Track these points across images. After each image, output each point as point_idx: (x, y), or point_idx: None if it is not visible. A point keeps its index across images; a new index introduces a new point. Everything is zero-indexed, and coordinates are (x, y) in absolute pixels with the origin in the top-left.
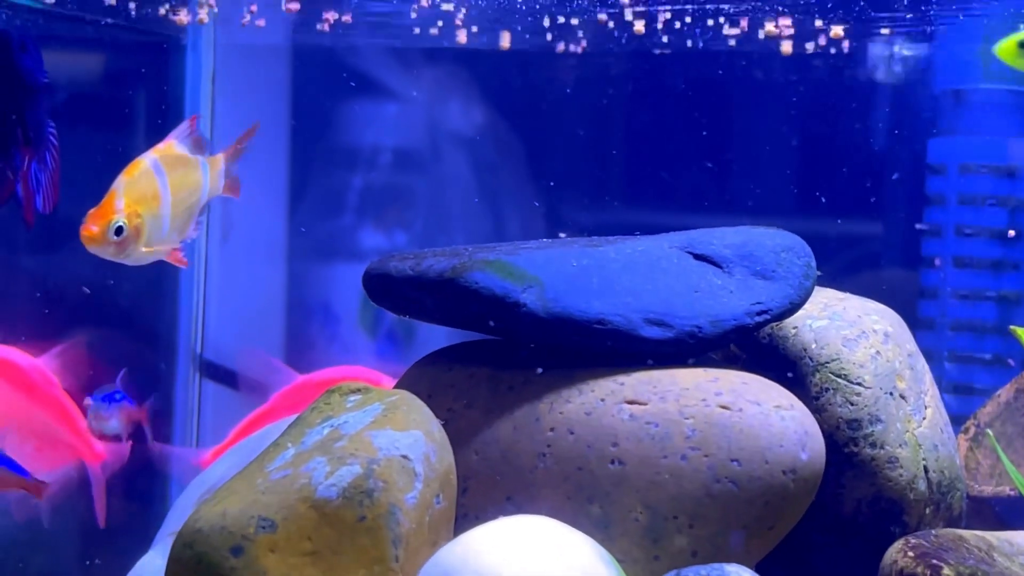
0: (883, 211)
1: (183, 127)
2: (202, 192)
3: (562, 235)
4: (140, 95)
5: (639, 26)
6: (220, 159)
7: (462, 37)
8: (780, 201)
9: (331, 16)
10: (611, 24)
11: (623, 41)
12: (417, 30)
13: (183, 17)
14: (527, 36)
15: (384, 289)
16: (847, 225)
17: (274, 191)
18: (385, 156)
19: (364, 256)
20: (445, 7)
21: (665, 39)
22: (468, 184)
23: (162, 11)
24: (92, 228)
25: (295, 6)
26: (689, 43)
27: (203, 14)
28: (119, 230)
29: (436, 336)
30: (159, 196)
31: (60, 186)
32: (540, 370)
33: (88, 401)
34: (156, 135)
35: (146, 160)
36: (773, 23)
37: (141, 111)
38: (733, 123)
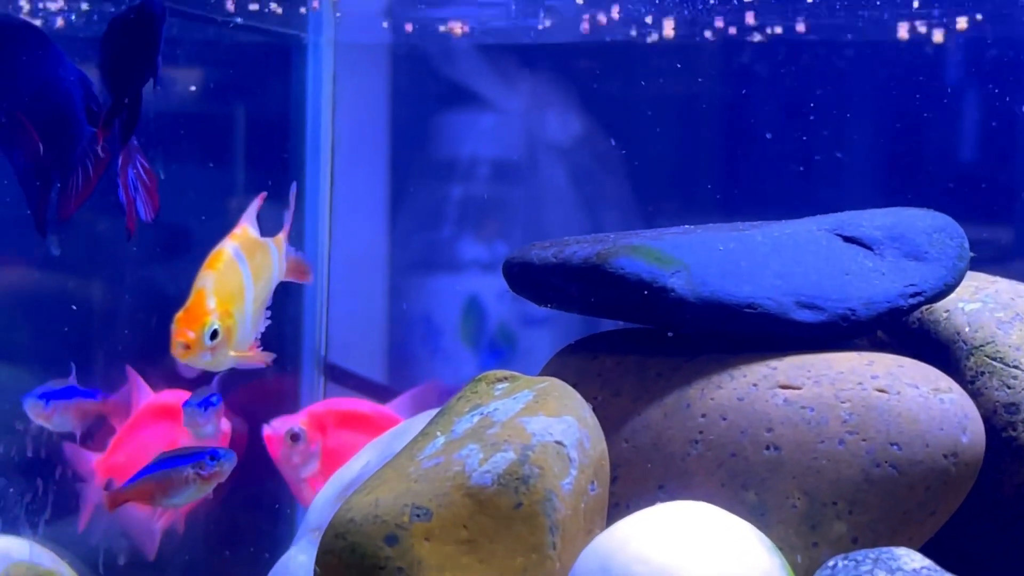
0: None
1: (253, 206)
2: (274, 279)
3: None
4: (266, 98)
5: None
6: (282, 240)
7: (570, 34)
8: (911, 189)
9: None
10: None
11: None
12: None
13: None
14: (646, 33)
15: (526, 278)
16: (985, 211)
17: (375, 200)
18: (489, 166)
19: (465, 268)
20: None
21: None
22: (569, 192)
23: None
24: (188, 334)
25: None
26: (801, 28)
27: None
28: (214, 334)
29: (540, 346)
30: (244, 290)
31: (160, 194)
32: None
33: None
34: (282, 140)
35: (228, 249)
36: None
37: (267, 114)
38: (861, 117)
